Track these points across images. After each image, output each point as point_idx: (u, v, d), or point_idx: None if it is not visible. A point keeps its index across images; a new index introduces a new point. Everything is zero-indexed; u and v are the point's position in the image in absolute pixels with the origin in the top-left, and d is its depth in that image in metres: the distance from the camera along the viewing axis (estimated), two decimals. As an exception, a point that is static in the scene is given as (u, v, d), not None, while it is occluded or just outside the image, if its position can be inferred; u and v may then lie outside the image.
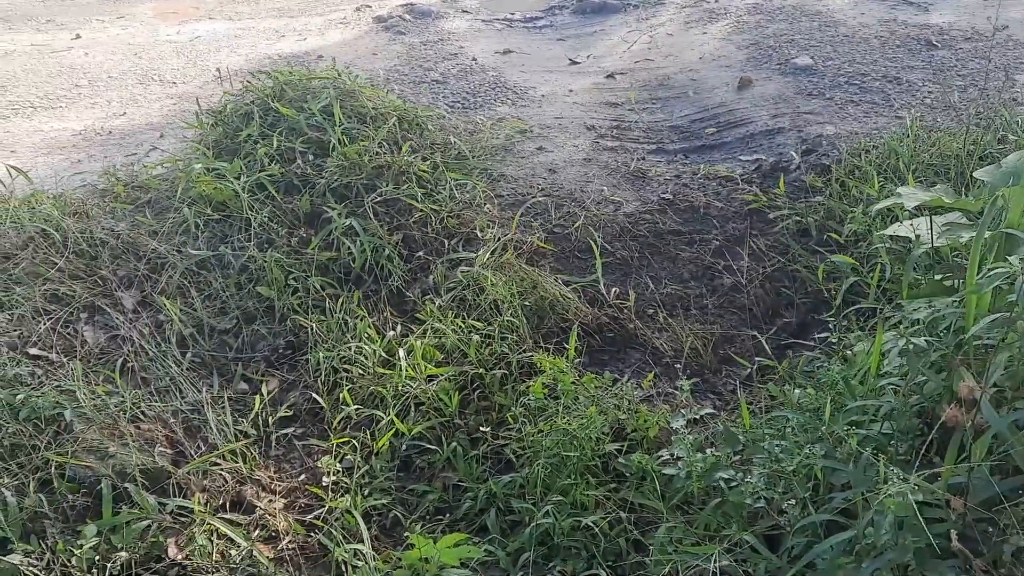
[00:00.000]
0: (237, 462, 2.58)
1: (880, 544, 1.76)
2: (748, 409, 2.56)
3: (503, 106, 5.21)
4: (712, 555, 1.95)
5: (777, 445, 2.26)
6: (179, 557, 2.22)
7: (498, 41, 6.56)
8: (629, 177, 4.27)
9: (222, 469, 2.53)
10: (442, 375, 2.91)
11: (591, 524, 2.30)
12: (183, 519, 2.35)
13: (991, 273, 1.85)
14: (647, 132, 4.80)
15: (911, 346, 2.01)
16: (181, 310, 3.23)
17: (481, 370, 2.98)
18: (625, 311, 3.42)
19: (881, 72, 5.06)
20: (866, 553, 1.82)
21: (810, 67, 5.23)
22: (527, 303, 3.32)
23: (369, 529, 2.41)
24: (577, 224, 3.80)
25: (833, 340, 2.83)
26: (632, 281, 3.63)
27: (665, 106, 5.11)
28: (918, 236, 2.37)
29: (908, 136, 3.84)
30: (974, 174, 2.41)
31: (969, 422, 1.76)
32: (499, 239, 3.60)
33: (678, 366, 3.14)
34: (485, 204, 3.90)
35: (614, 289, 3.51)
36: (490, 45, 6.43)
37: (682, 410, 2.70)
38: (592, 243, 3.63)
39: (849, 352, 2.57)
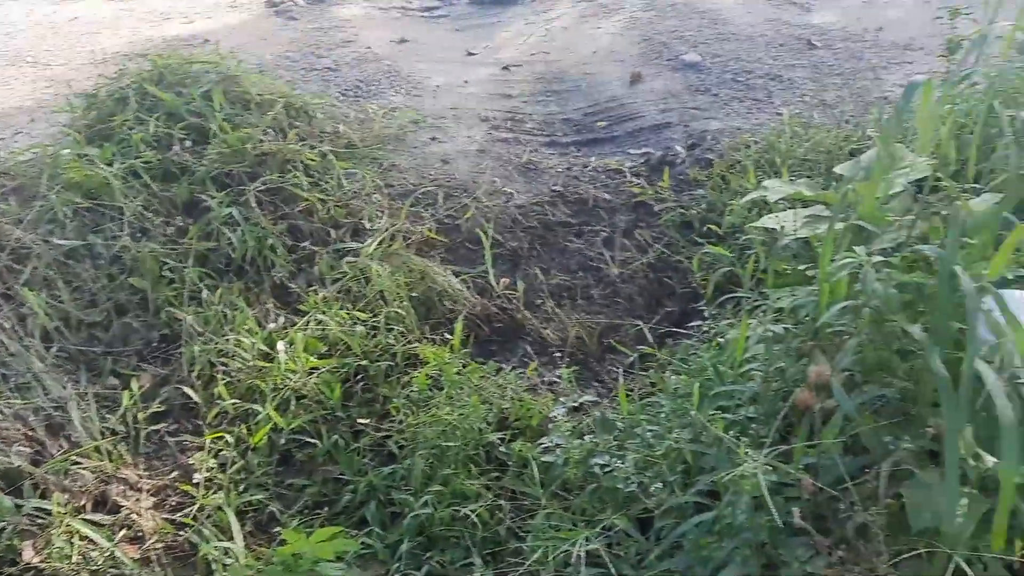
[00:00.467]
0: (102, 460, 2.47)
1: (737, 523, 1.83)
2: (627, 396, 2.62)
3: (397, 95, 5.14)
4: (578, 540, 1.98)
5: (650, 431, 2.32)
6: (35, 560, 2.12)
7: (394, 29, 6.47)
8: (521, 169, 4.29)
9: (85, 468, 2.42)
10: (324, 367, 2.86)
11: (469, 513, 2.31)
12: (41, 521, 2.24)
13: (840, 263, 1.94)
14: (541, 124, 4.83)
15: (770, 333, 2.09)
16: (47, 303, 3.06)
17: (365, 361, 2.95)
18: (514, 301, 3.44)
19: (765, 70, 5.24)
20: (726, 532, 1.89)
21: (698, 64, 5.37)
22: (415, 294, 3.30)
23: (244, 526, 2.35)
24: (468, 215, 3.80)
25: (705, 328, 2.92)
26: (521, 272, 3.65)
27: (559, 99, 5.15)
28: (782, 227, 2.48)
29: (785, 132, 4.00)
30: (834, 169, 2.53)
31: (819, 405, 1.84)
32: (387, 229, 3.56)
33: (558, 355, 3.18)
34: (374, 194, 3.84)
35: (503, 280, 3.52)
36: (385, 33, 6.34)
37: (562, 398, 2.73)
38: (482, 234, 3.64)
39: (721, 339, 2.65)
